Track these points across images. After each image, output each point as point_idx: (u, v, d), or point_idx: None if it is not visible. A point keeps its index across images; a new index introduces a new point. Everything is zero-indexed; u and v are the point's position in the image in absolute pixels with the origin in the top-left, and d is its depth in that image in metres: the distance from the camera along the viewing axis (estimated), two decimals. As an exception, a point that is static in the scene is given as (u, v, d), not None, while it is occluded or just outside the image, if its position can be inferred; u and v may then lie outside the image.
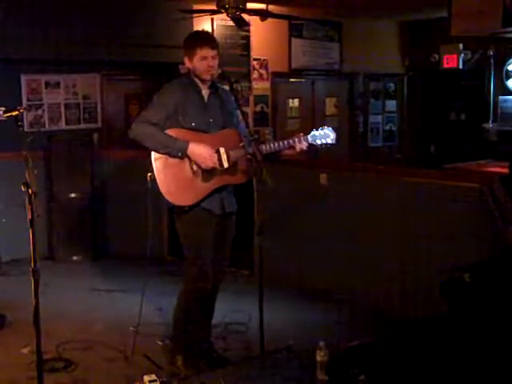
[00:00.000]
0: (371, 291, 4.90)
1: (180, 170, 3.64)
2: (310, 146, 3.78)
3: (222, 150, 3.67)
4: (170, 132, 3.64)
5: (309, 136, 3.75)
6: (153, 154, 3.63)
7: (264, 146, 3.66)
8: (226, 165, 3.67)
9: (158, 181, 3.61)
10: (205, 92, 3.79)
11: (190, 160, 3.64)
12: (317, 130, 3.77)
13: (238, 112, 3.84)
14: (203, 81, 3.75)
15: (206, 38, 3.75)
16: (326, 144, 3.77)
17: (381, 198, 4.91)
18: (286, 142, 3.73)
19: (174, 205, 3.66)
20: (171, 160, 3.63)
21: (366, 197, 5.00)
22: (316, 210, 5.30)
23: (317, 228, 5.31)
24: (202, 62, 3.67)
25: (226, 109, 3.83)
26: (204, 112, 3.75)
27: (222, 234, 3.83)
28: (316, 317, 4.81)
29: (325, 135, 3.76)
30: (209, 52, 3.67)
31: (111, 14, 6.90)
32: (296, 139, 3.73)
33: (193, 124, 3.69)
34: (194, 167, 3.65)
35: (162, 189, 3.61)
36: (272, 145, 3.70)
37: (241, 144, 3.70)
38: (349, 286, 5.02)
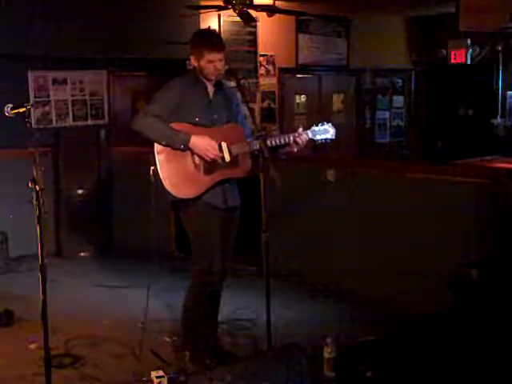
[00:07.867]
0: (380, 288, 4.88)
1: (182, 163, 3.66)
2: (310, 141, 3.80)
3: (223, 145, 3.69)
4: (173, 126, 3.66)
5: (309, 131, 3.77)
6: (156, 147, 3.65)
7: (269, 141, 3.65)
8: (227, 158, 3.68)
9: (160, 173, 3.64)
10: (210, 89, 3.81)
11: (192, 153, 3.66)
12: (317, 125, 3.79)
13: (245, 108, 3.85)
14: (208, 79, 3.77)
15: (213, 42, 3.73)
16: (326, 139, 3.79)
17: (388, 193, 4.90)
18: (291, 136, 3.74)
19: (177, 197, 3.67)
20: (174, 153, 3.65)
21: (373, 193, 4.99)
22: (323, 205, 5.29)
23: (325, 224, 5.30)
24: (209, 65, 3.68)
25: (230, 106, 3.86)
26: (209, 108, 3.77)
27: (226, 229, 3.84)
28: (324, 313, 4.80)
29: (324, 131, 3.78)
30: (216, 56, 3.67)
31: (118, 11, 6.91)
32: (298, 133, 3.74)
33: (197, 119, 3.71)
34: (196, 160, 3.67)
35: (165, 181, 3.63)
36: (277, 139, 3.72)
37: (247, 141, 3.71)
38: (357, 282, 5.00)
